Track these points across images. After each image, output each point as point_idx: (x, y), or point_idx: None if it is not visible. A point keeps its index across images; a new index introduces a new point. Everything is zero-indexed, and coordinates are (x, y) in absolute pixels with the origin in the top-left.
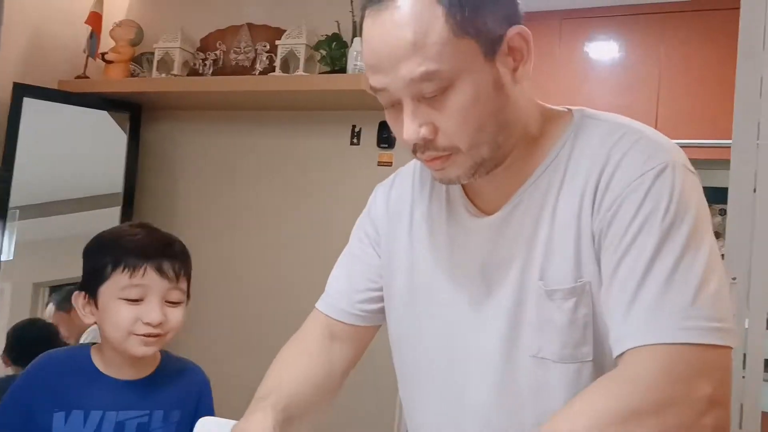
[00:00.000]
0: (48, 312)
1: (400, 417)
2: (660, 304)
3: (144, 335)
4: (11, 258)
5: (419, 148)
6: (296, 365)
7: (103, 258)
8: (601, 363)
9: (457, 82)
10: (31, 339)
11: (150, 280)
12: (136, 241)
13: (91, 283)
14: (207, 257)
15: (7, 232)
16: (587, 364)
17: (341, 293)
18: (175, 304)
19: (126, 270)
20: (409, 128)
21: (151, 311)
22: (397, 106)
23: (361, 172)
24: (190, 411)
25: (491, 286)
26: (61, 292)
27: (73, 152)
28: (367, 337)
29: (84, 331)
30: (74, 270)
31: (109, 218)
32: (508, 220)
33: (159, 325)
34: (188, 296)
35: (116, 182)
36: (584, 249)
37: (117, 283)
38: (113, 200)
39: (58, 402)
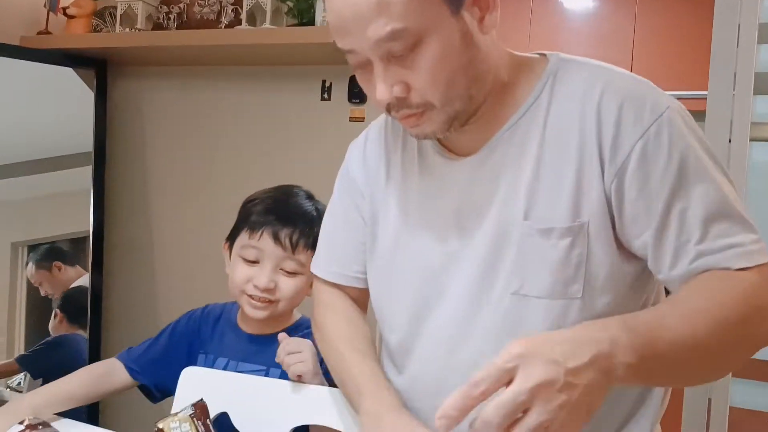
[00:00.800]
0: (29, 271)
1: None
2: (724, 237)
3: (253, 297)
4: None
5: (393, 107)
6: (347, 323)
7: (240, 215)
8: (590, 301)
9: (426, 39)
10: (83, 302)
11: (265, 244)
12: (266, 204)
13: (231, 236)
14: (180, 214)
15: None
16: (575, 302)
17: (332, 259)
18: (290, 274)
19: (247, 230)
20: (381, 88)
21: (261, 275)
22: (367, 66)
23: (333, 128)
24: None
25: (467, 228)
26: (39, 251)
27: (40, 111)
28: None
29: (68, 287)
30: (51, 229)
31: (82, 178)
32: (484, 162)
33: (267, 290)
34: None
35: (86, 141)
36: (585, 192)
37: (241, 241)
38: (84, 160)
39: (203, 345)
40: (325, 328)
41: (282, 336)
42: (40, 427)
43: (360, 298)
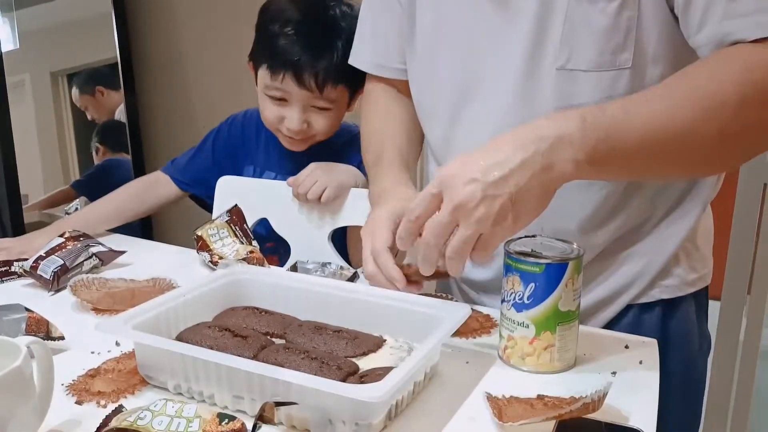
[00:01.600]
0: (74, 95)
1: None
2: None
3: (287, 135)
4: (18, 47)
5: None
6: (390, 125)
7: (258, 31)
8: (640, 71)
9: None
10: (120, 131)
11: (289, 87)
12: (285, 38)
13: (253, 56)
14: (207, 24)
15: (6, 21)
16: (625, 73)
17: (373, 51)
18: (322, 110)
19: (268, 68)
20: None
21: (292, 118)
22: None
23: None
24: None
25: (510, 3)
26: (81, 76)
27: None
28: None
29: (114, 110)
30: (86, 56)
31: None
32: None
33: (301, 131)
34: (351, 100)
35: None
36: None
37: (263, 78)
38: None
39: (250, 155)
40: (371, 127)
41: (288, 181)
42: (82, 238)
43: (407, 90)
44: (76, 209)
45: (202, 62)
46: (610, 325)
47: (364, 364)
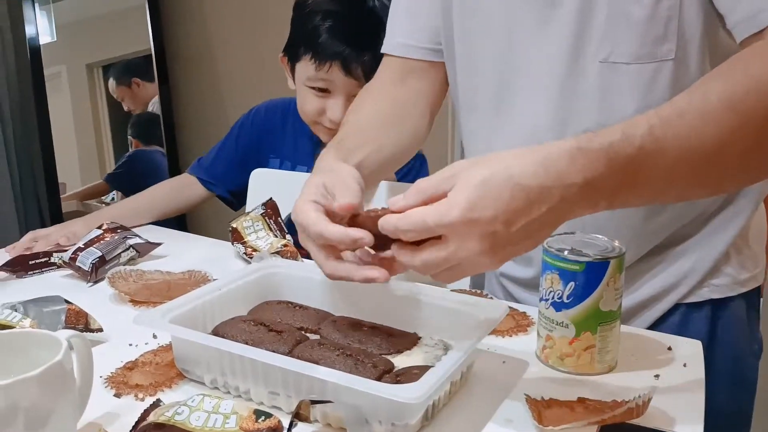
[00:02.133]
0: (110, 86)
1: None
2: None
3: (328, 128)
4: (55, 39)
5: None
6: (365, 108)
7: (296, 25)
8: (684, 62)
9: None
10: (153, 123)
11: (335, 76)
12: (328, 31)
13: (290, 50)
14: (239, 16)
15: (43, 14)
16: (667, 64)
17: (407, 30)
18: None
19: (312, 60)
20: None
21: (335, 108)
22: None
23: None
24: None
25: None
26: (117, 67)
27: None
28: (444, 74)
29: (149, 102)
30: (120, 48)
31: None
32: None
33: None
34: None
35: None
36: None
37: (305, 70)
38: None
39: (277, 148)
40: (359, 112)
41: None
42: (119, 230)
43: (427, 69)
44: (113, 199)
45: (233, 54)
46: (656, 324)
47: (399, 362)
